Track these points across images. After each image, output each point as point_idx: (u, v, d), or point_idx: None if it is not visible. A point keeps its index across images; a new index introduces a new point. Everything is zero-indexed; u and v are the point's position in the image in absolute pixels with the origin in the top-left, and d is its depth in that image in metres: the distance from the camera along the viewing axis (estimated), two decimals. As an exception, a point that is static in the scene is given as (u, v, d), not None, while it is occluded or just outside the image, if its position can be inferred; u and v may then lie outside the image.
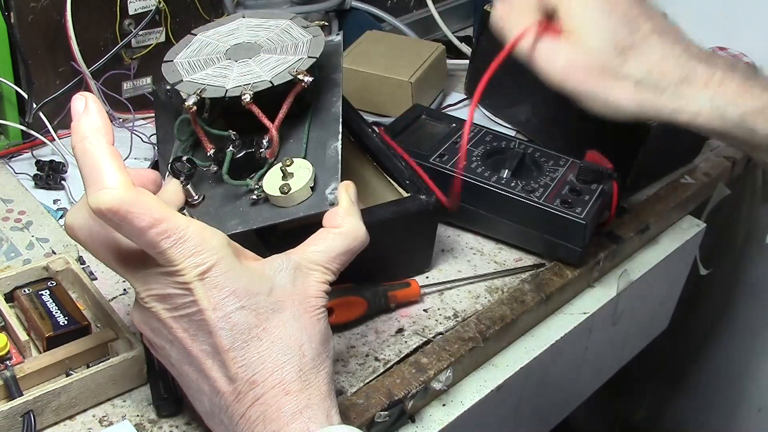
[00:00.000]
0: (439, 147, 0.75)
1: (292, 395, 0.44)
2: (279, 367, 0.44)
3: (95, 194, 0.42)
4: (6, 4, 0.71)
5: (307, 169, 0.53)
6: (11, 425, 0.49)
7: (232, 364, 0.44)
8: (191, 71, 0.57)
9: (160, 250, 0.43)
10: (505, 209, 0.71)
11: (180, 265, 0.43)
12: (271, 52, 0.58)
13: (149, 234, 0.42)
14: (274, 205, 0.53)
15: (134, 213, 0.42)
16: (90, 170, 0.42)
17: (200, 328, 0.44)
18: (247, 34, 0.61)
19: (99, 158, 0.42)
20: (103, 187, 0.41)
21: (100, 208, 0.41)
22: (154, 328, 0.47)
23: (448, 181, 0.67)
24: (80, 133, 0.43)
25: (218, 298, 0.44)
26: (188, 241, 0.43)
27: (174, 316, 0.45)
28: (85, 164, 0.42)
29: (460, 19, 1.20)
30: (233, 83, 0.55)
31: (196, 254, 0.43)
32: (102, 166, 0.42)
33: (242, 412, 0.44)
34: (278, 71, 0.56)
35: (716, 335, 1.31)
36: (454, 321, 0.65)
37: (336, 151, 0.55)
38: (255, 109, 0.54)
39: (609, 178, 0.73)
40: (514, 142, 0.77)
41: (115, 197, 0.41)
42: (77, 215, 0.46)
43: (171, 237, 0.43)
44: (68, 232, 0.47)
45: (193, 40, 0.61)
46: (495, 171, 0.72)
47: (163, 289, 0.44)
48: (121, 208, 0.41)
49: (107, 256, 0.46)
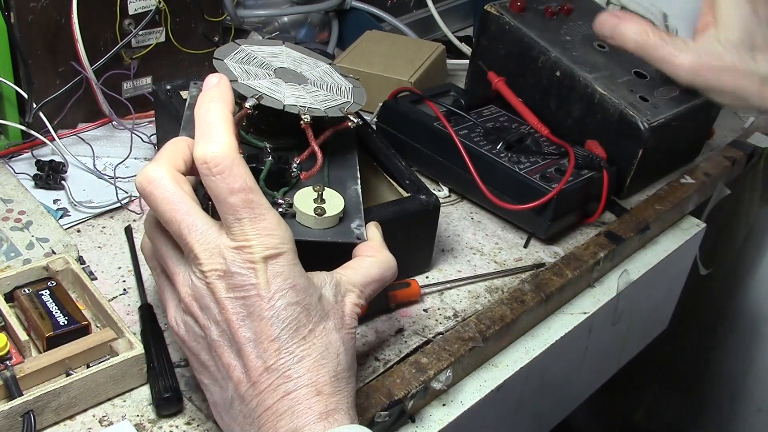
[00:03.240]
0: (449, 116, 0.79)
1: (323, 396, 0.45)
2: (315, 368, 0.45)
3: (206, 143, 0.45)
4: (6, 4, 0.71)
5: (340, 199, 0.56)
6: (11, 425, 0.49)
7: (274, 355, 0.45)
8: (245, 76, 0.58)
9: (239, 217, 0.44)
10: (488, 175, 0.74)
11: (253, 241, 0.44)
12: (317, 86, 0.62)
13: (237, 196, 0.44)
14: (300, 223, 0.54)
15: (234, 171, 0.44)
16: (207, 126, 0.46)
17: (252, 313, 0.45)
18: (290, 62, 0.64)
19: (218, 119, 0.46)
20: (212, 141, 0.45)
21: (205, 155, 0.44)
22: (204, 305, 0.46)
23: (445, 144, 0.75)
24: (210, 95, 0.48)
25: (278, 287, 0.45)
26: (266, 221, 0.45)
27: (230, 297, 0.45)
28: (203, 121, 0.46)
29: (460, 19, 1.20)
30: (288, 101, 0.57)
31: (270, 237, 0.45)
32: (218, 125, 0.46)
33: (269, 404, 0.44)
34: (329, 105, 0.59)
35: (716, 335, 1.31)
36: (454, 321, 0.65)
37: (357, 193, 0.59)
38: (309, 131, 0.57)
39: (599, 168, 0.75)
40: (524, 126, 0.81)
41: (224, 149, 0.44)
42: (161, 169, 0.46)
43: (254, 209, 0.45)
44: (143, 184, 0.46)
45: (239, 49, 0.63)
46: (492, 144, 0.76)
47: (228, 265, 0.45)
48: (225, 161, 0.44)
49: (186, 214, 0.46)
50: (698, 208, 0.92)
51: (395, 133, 0.81)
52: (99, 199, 0.72)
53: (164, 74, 0.84)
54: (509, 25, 0.85)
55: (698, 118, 0.87)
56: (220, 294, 0.45)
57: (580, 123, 0.82)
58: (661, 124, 0.79)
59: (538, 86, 0.84)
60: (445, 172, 0.79)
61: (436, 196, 0.65)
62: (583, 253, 0.74)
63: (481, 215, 0.78)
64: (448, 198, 0.80)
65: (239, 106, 0.59)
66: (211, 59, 0.61)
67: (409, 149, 0.79)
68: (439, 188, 0.81)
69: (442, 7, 1.14)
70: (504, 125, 0.80)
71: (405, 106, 0.81)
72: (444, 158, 0.77)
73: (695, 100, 0.84)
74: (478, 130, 0.78)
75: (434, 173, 0.81)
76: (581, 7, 0.92)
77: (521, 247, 0.74)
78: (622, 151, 0.79)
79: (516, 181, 0.72)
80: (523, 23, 0.85)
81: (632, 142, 0.78)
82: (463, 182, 0.77)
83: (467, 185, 0.76)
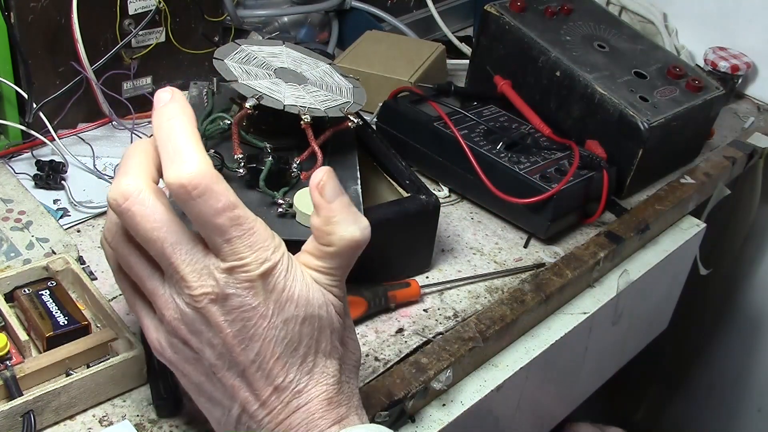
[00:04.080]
0: (449, 116, 0.79)
1: (333, 404, 0.44)
2: (324, 378, 0.44)
3: (178, 166, 0.40)
4: (6, 4, 0.71)
5: None
6: (11, 425, 0.49)
7: (282, 373, 0.43)
8: (245, 76, 0.58)
9: (228, 238, 0.41)
10: (488, 175, 0.74)
11: (247, 258, 0.41)
12: (317, 86, 0.62)
13: (224, 216, 0.40)
14: (299, 223, 0.54)
15: (215, 190, 0.40)
16: (174, 146, 0.41)
17: (254, 335, 0.42)
18: (290, 62, 0.64)
19: (183, 136, 0.41)
20: (185, 162, 0.40)
21: (181, 179, 0.40)
22: (195, 330, 0.43)
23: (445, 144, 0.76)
24: (167, 113, 0.42)
25: (278, 302, 0.42)
26: (256, 234, 0.41)
27: (229, 319, 0.42)
28: (167, 142, 0.41)
29: (460, 19, 1.20)
30: (288, 101, 0.57)
31: (262, 249, 0.41)
32: (186, 143, 0.41)
33: (282, 419, 0.43)
34: (330, 105, 0.59)
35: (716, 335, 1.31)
36: (454, 321, 0.65)
37: (357, 193, 0.58)
38: (309, 131, 0.57)
39: (599, 168, 0.75)
40: (525, 125, 0.80)
41: (200, 169, 0.40)
42: (137, 183, 0.42)
43: (242, 226, 0.41)
44: (119, 200, 0.42)
45: (239, 49, 0.63)
46: (493, 144, 0.76)
47: (222, 288, 0.41)
48: (203, 180, 0.40)
49: (169, 233, 0.42)
50: (698, 208, 0.92)
51: (395, 133, 0.81)
52: (99, 199, 0.72)
53: (164, 74, 0.84)
54: (509, 25, 0.85)
55: (698, 118, 0.87)
56: (217, 318, 0.42)
57: (580, 123, 0.82)
58: (661, 124, 0.79)
59: (538, 86, 0.84)
60: (445, 172, 0.79)
61: (436, 196, 0.65)
62: (583, 253, 0.74)
63: (481, 215, 0.78)
64: (448, 198, 0.80)
65: (239, 106, 0.59)
66: (211, 59, 0.61)
67: (409, 149, 0.79)
68: (439, 188, 0.81)
69: (442, 7, 1.14)
70: (504, 125, 0.80)
71: (405, 106, 0.81)
72: (444, 158, 0.77)
73: (695, 100, 0.84)
74: (478, 129, 0.78)
75: (434, 173, 0.81)
76: (581, 7, 0.92)
77: (521, 247, 0.74)
78: (622, 151, 0.79)
79: (516, 180, 0.72)
80: (523, 23, 0.85)
81: (632, 142, 0.78)
82: (463, 182, 0.77)
83: (467, 185, 0.76)
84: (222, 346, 0.43)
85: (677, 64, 0.88)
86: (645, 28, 1.12)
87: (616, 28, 0.91)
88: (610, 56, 0.85)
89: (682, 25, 1.13)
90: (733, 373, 1.31)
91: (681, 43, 1.12)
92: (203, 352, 0.43)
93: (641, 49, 0.89)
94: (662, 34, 1.10)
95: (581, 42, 0.86)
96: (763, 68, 1.07)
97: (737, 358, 1.29)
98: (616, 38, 0.89)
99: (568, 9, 0.89)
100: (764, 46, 1.06)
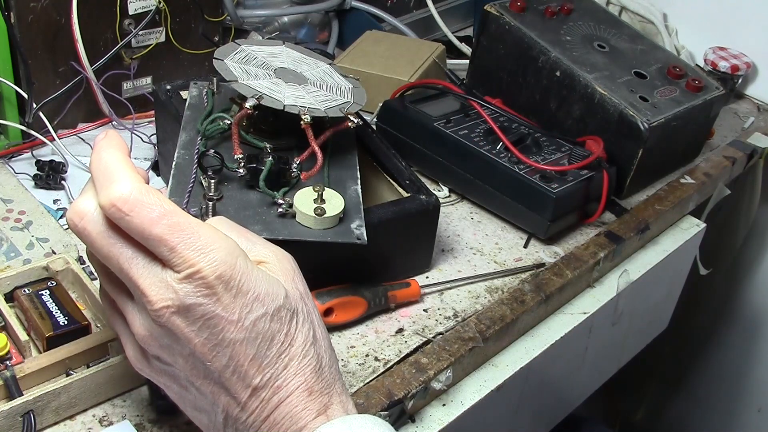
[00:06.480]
0: (449, 116, 0.79)
1: (314, 394, 0.44)
2: (301, 369, 0.44)
3: (107, 188, 0.41)
4: (6, 4, 0.71)
5: (340, 200, 0.55)
6: (11, 425, 0.49)
7: (258, 373, 0.43)
8: (245, 76, 0.58)
9: (171, 246, 0.40)
10: (488, 175, 0.74)
11: (199, 264, 0.40)
12: (317, 86, 0.62)
13: (160, 225, 0.40)
14: (299, 223, 0.54)
15: (146, 201, 0.40)
16: (102, 173, 0.42)
17: (223, 340, 0.42)
18: (290, 62, 0.64)
19: (111, 162, 0.42)
20: (113, 182, 0.41)
21: (111, 199, 0.40)
22: (164, 344, 0.43)
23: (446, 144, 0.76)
24: (98, 149, 0.43)
25: (243, 303, 0.42)
26: (201, 238, 0.41)
27: (195, 329, 0.41)
28: (98, 170, 0.42)
29: (460, 19, 1.20)
30: (288, 101, 0.57)
31: (214, 252, 0.41)
32: (114, 167, 0.42)
33: (265, 416, 0.44)
34: (330, 105, 0.59)
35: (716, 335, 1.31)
36: (454, 321, 0.65)
37: (357, 193, 0.58)
38: (309, 131, 0.57)
39: (600, 168, 0.75)
40: (524, 126, 0.80)
41: (128, 185, 0.41)
42: (94, 201, 0.43)
43: (183, 231, 0.40)
44: (75, 220, 0.43)
45: (239, 49, 0.63)
46: (493, 144, 0.76)
47: (182, 299, 0.41)
48: (132, 195, 0.40)
49: (124, 247, 0.42)
50: (698, 208, 0.92)
51: (395, 133, 0.81)
52: (99, 199, 0.72)
53: (164, 74, 0.84)
54: (509, 25, 0.85)
55: (698, 118, 0.87)
56: (182, 330, 0.41)
57: (580, 123, 0.82)
58: (661, 124, 0.79)
59: (538, 86, 0.84)
60: (445, 172, 0.79)
61: (436, 196, 0.65)
62: (583, 253, 0.74)
63: (481, 215, 0.78)
64: (448, 198, 0.80)
65: (239, 106, 0.59)
66: (211, 59, 0.61)
67: (409, 149, 0.79)
68: (439, 188, 0.81)
69: (442, 7, 1.14)
70: (504, 125, 0.80)
71: (405, 106, 0.81)
72: (444, 158, 0.77)
73: (695, 100, 0.84)
74: (478, 130, 0.78)
75: (434, 173, 0.81)
76: (581, 7, 0.92)
77: (521, 247, 0.74)
78: (622, 151, 0.79)
79: (516, 180, 0.73)
80: (523, 23, 0.85)
81: (632, 142, 0.78)
82: (463, 182, 0.77)
83: (467, 185, 0.76)
84: (193, 357, 0.43)
85: (677, 64, 0.88)
86: (645, 28, 1.12)
87: (616, 28, 0.91)
88: (610, 56, 0.85)
89: (682, 25, 1.13)
90: (732, 372, 1.31)
91: (681, 43, 1.12)
92: (177, 364, 0.43)
93: (641, 49, 0.89)
94: (662, 34, 1.10)
95: (581, 42, 0.86)
96: (763, 68, 1.08)
97: (737, 358, 1.29)
98: (616, 38, 0.89)
99: (568, 9, 0.89)
100: (764, 46, 1.06)
